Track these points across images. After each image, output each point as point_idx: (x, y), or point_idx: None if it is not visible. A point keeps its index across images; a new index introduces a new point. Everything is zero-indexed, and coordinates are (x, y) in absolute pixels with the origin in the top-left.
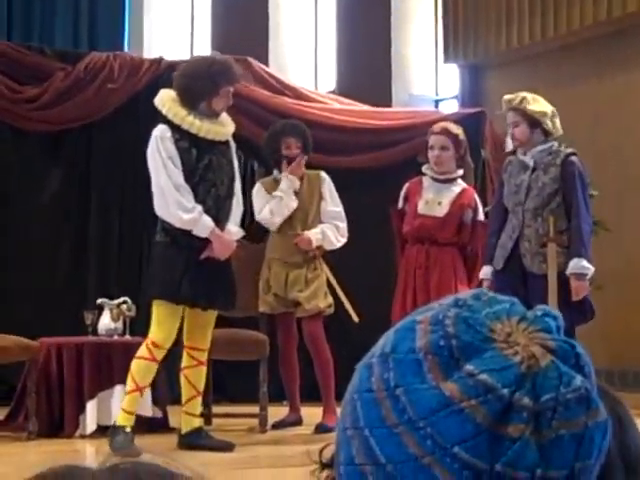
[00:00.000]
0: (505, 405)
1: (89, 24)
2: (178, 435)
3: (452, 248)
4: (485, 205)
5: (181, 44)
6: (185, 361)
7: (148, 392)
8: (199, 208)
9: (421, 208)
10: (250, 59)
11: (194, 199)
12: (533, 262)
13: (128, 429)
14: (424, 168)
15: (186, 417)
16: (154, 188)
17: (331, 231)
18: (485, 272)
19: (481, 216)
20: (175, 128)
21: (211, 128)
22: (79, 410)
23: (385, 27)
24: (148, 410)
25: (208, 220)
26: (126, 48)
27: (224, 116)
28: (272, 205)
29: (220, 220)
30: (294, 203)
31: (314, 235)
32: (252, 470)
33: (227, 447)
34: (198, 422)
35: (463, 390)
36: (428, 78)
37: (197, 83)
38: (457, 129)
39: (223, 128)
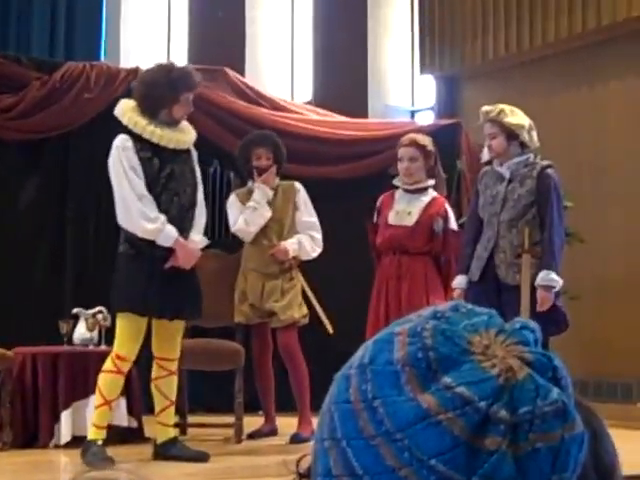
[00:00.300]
0: (482, 418)
1: (65, 34)
2: (153, 445)
3: (424, 257)
4: (460, 216)
5: (157, 54)
6: (155, 372)
7: (123, 402)
8: (162, 218)
9: (391, 219)
10: (227, 69)
11: (157, 209)
12: (507, 273)
13: (100, 442)
14: (395, 180)
15: (160, 427)
16: (117, 199)
17: (307, 241)
18: (458, 282)
19: (453, 225)
20: (136, 138)
21: (172, 137)
22: (54, 420)
23: (361, 38)
24: (123, 420)
25: (172, 230)
26: (102, 58)
27: (184, 124)
28: (246, 215)
29: (184, 229)
30: (268, 213)
31: (290, 245)
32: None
33: (202, 457)
34: (173, 432)
35: (441, 403)
36: (404, 89)
37: (157, 91)
38: (425, 140)
39: (184, 136)
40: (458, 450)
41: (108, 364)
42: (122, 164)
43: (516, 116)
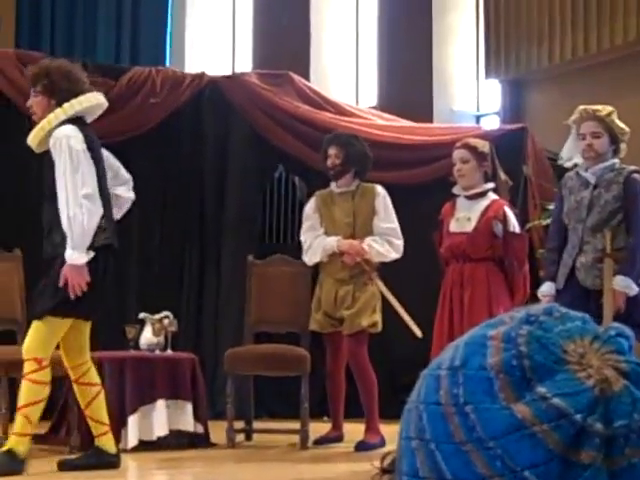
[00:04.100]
0: (577, 431)
1: (131, 39)
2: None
3: (487, 263)
4: (526, 221)
5: (223, 59)
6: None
7: (189, 407)
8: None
9: (452, 226)
10: (292, 74)
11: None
12: (587, 276)
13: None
14: (454, 189)
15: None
16: None
17: (378, 243)
18: (544, 289)
19: (513, 227)
20: None
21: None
22: (121, 425)
23: (426, 43)
24: (190, 425)
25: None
26: (168, 63)
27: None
28: (315, 243)
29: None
30: (316, 257)
31: (355, 246)
32: None
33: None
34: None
35: (536, 414)
36: (469, 94)
37: None
38: (478, 142)
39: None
40: (552, 463)
41: None
42: None
43: (620, 121)
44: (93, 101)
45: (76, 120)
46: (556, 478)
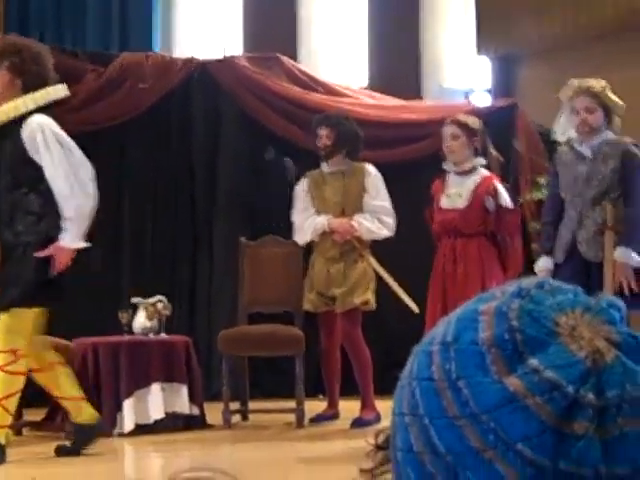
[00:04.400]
0: (570, 402)
1: (120, 24)
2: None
3: (479, 238)
4: (518, 196)
5: (212, 43)
6: None
7: (184, 389)
8: None
9: (444, 203)
10: (280, 56)
11: None
12: (589, 249)
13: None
14: (444, 164)
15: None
16: None
17: (367, 220)
18: (542, 264)
19: (505, 202)
20: None
21: None
22: (116, 409)
23: (416, 20)
24: (185, 407)
25: None
26: (157, 48)
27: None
28: (305, 223)
29: None
30: (308, 236)
31: (344, 224)
32: (292, 465)
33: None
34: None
35: (528, 387)
36: (460, 70)
37: None
38: (468, 118)
39: None
40: (545, 435)
41: None
42: None
43: (614, 95)
44: (60, 93)
45: (43, 108)
46: (550, 449)
